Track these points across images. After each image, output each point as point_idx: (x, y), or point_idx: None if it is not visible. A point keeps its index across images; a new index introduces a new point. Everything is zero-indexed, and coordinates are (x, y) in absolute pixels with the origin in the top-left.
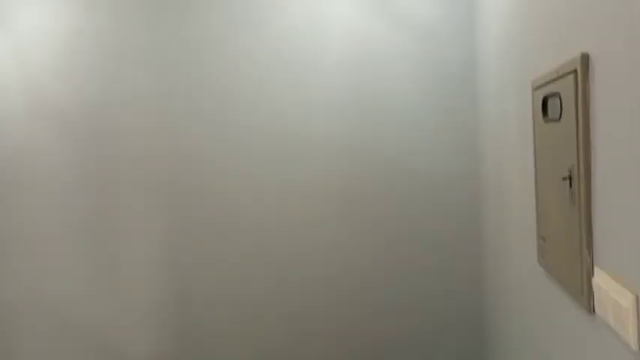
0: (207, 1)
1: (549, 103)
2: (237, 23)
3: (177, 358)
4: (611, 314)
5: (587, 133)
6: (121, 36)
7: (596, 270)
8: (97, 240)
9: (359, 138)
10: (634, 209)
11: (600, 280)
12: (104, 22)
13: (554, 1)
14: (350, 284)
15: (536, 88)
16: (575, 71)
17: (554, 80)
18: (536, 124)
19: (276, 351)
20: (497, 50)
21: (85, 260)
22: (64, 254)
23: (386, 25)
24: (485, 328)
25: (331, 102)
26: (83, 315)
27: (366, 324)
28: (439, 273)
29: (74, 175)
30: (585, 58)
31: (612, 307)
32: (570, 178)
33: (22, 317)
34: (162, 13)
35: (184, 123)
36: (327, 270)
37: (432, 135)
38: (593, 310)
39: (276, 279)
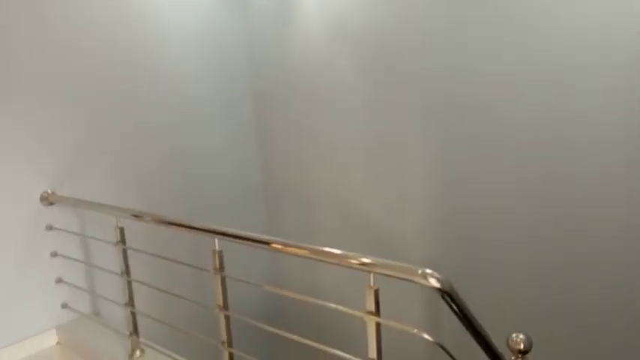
0: None
1: None
2: None
3: (448, 265)
4: None
5: None
6: None
7: None
8: (383, 147)
9: None
10: None
11: None
12: None
13: None
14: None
15: None
16: None
17: None
18: None
19: (549, 268)
20: None
21: (373, 165)
22: (355, 157)
23: None
24: None
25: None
26: (367, 210)
27: None
28: None
29: (362, 87)
30: None
31: None
32: None
33: (322, 206)
34: None
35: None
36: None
37: None
38: None
39: (550, 196)
